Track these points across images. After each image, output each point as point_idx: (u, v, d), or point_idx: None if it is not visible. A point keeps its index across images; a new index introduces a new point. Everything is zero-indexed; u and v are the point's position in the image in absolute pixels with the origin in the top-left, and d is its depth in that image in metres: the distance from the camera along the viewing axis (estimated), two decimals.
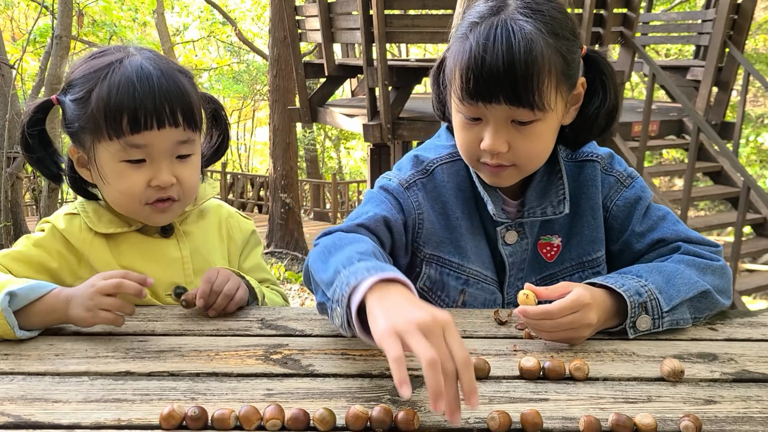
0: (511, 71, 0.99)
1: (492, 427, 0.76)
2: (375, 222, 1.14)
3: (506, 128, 1.06)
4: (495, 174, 1.12)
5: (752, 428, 0.77)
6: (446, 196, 1.20)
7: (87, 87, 1.10)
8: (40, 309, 1.02)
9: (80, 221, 1.21)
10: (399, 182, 1.20)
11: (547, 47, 1.01)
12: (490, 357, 0.95)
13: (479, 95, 1.03)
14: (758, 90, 12.25)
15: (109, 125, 1.08)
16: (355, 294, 0.85)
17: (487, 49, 0.99)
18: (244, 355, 0.96)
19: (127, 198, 1.15)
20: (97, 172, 1.15)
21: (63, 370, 0.92)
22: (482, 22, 1.02)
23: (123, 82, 1.08)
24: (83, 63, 1.14)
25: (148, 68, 1.10)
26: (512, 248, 1.20)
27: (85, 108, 1.10)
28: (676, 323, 1.04)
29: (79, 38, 9.88)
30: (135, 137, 1.09)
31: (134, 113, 1.07)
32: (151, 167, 1.13)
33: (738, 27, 5.95)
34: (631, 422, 0.76)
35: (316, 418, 0.76)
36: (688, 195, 5.18)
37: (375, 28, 5.29)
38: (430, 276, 1.21)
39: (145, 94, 1.08)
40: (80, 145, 1.15)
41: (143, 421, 0.78)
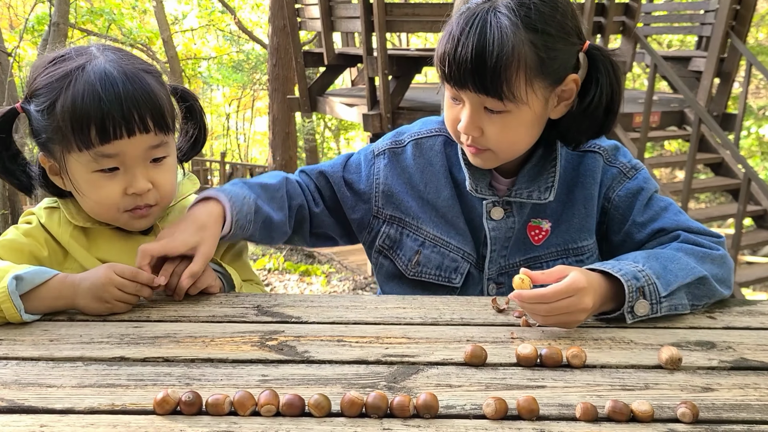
0: (480, 61, 1.04)
1: (488, 414, 0.76)
2: (312, 172, 1.35)
3: (479, 113, 1.11)
4: (474, 155, 1.17)
5: (749, 416, 0.77)
6: (413, 168, 1.28)
7: (51, 97, 1.05)
8: (45, 294, 1.02)
9: (59, 214, 1.20)
10: (372, 149, 1.33)
11: (521, 42, 1.04)
12: (487, 344, 0.94)
13: (451, 80, 1.09)
14: (760, 82, 12.22)
15: (77, 137, 1.04)
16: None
17: (460, 39, 1.05)
18: (239, 342, 0.96)
19: (103, 207, 1.13)
20: (70, 182, 1.11)
21: (57, 355, 0.91)
22: (468, 12, 1.07)
23: (87, 91, 1.03)
24: (44, 69, 1.08)
25: (112, 73, 1.05)
26: (497, 224, 1.22)
27: (51, 119, 1.06)
28: (674, 308, 1.04)
29: (77, 26, 9.84)
30: (105, 147, 1.05)
31: (102, 123, 1.03)
32: (125, 175, 1.10)
33: (740, 18, 5.91)
34: (628, 409, 0.76)
35: (311, 404, 0.76)
36: (689, 186, 5.17)
37: (375, 16, 5.26)
38: (389, 235, 1.30)
39: (111, 103, 1.03)
40: (50, 154, 1.12)
41: (137, 406, 0.78)
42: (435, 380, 0.85)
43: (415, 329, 1.01)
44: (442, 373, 0.87)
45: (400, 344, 0.95)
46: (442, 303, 1.12)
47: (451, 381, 0.85)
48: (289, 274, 8.14)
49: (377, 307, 1.10)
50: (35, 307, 1.02)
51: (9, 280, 0.97)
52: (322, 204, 1.32)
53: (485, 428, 0.74)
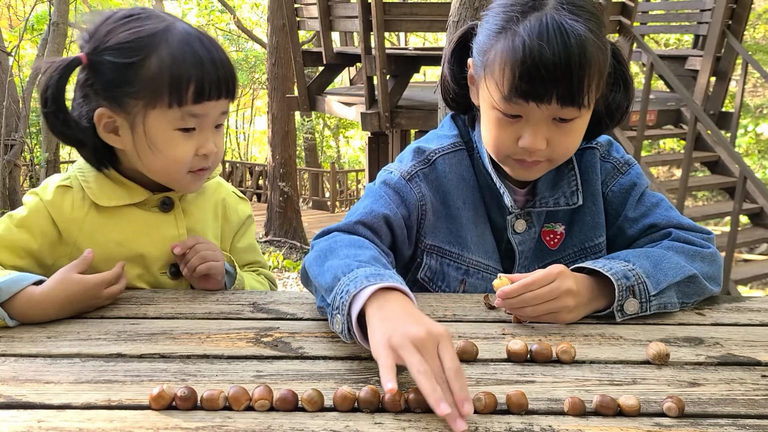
0: (567, 72, 0.98)
1: (478, 408, 0.77)
2: (374, 219, 1.13)
3: (547, 126, 1.05)
4: (527, 169, 1.11)
5: (735, 410, 0.78)
6: (447, 187, 1.20)
7: (142, 52, 1.06)
8: (21, 303, 1.01)
9: (73, 195, 1.17)
10: (401, 174, 1.19)
11: (595, 47, 1.00)
12: (478, 340, 0.96)
13: (532, 95, 1.01)
14: (758, 80, 12.23)
15: (173, 93, 1.06)
16: (355, 303, 0.87)
17: (543, 50, 0.97)
18: (235, 338, 0.97)
19: (175, 166, 1.13)
20: (144, 139, 1.11)
21: (55, 352, 0.92)
22: (527, 17, 1.00)
23: (187, 50, 1.07)
24: (119, 25, 1.08)
25: (200, 38, 1.10)
26: (521, 237, 1.21)
27: (139, 73, 1.06)
28: (663, 307, 1.05)
29: (77, 26, 9.84)
30: (196, 107, 1.09)
31: (200, 83, 1.07)
32: (198, 136, 1.13)
33: (737, 16, 5.93)
34: (615, 403, 0.77)
35: (304, 399, 0.77)
36: (685, 184, 5.19)
37: (373, 16, 5.27)
38: (431, 266, 1.22)
39: (210, 65, 1.08)
40: (120, 109, 1.10)
41: (133, 401, 0.79)
42: None
43: None
44: None
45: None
46: (435, 300, 1.14)
47: None
48: (289, 272, 8.16)
49: None
50: (14, 315, 1.01)
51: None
52: (391, 254, 1.17)
53: (475, 422, 0.75)
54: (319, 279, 0.99)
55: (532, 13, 1.00)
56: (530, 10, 1.01)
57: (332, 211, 12.28)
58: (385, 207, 1.15)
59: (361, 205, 1.17)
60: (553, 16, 0.99)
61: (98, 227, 1.17)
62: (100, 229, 1.18)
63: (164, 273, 1.22)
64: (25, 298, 1.01)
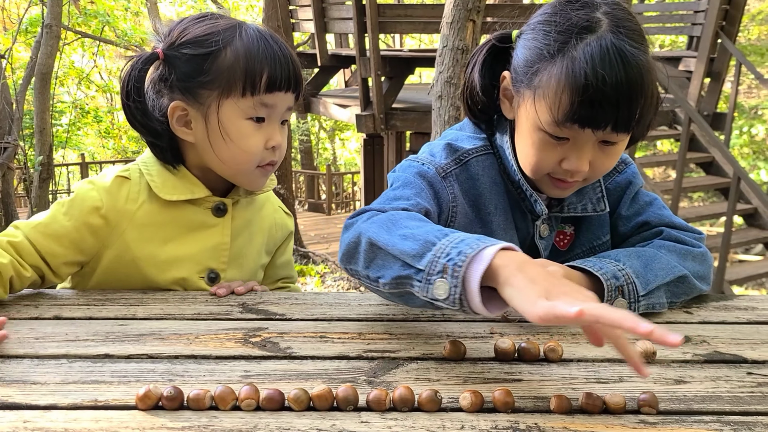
0: (628, 101, 0.97)
1: (464, 407, 0.77)
2: (418, 211, 1.05)
3: (593, 148, 1.04)
4: (563, 188, 1.10)
5: (719, 407, 0.78)
6: (480, 189, 1.16)
7: (218, 44, 1.11)
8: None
9: (130, 187, 1.18)
10: (436, 170, 1.13)
11: (652, 72, 0.99)
12: (467, 339, 0.96)
13: (589, 122, 0.99)
14: (752, 81, 12.28)
15: (248, 80, 1.11)
16: (475, 264, 0.78)
17: (606, 78, 0.95)
18: (223, 339, 0.97)
19: (246, 156, 1.15)
20: (217, 128, 1.13)
21: (42, 353, 0.92)
22: (584, 39, 0.97)
23: (261, 41, 1.13)
24: (194, 23, 1.15)
25: (272, 35, 1.16)
26: (545, 241, 1.21)
27: (215, 63, 1.11)
28: (652, 307, 1.06)
29: (71, 28, 9.83)
30: (267, 96, 1.13)
31: (273, 72, 1.12)
32: (267, 128, 1.16)
33: (730, 18, 5.96)
34: (601, 401, 0.77)
35: (291, 398, 0.77)
36: (680, 185, 5.20)
37: (368, 18, 5.28)
38: None
39: (282, 57, 1.13)
40: (194, 100, 1.14)
41: (120, 402, 0.79)
42: (414, 374, 0.86)
43: (397, 325, 1.02)
44: (421, 367, 0.88)
45: (382, 340, 0.97)
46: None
47: (429, 375, 0.86)
48: None
49: (360, 304, 1.12)
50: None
51: None
52: None
53: (461, 420, 0.75)
54: (398, 245, 0.87)
55: (588, 35, 0.97)
56: (585, 32, 0.98)
57: (328, 213, 12.27)
58: (426, 201, 1.09)
59: (401, 192, 1.08)
60: (613, 42, 0.96)
61: (148, 222, 1.18)
62: (150, 223, 1.19)
63: (202, 277, 1.23)
64: None
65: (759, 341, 0.97)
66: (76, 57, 13.75)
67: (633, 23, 1.00)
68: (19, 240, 1.13)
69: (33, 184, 4.61)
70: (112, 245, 1.18)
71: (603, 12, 1.00)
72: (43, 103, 4.71)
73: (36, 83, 4.78)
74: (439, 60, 3.33)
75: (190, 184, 1.20)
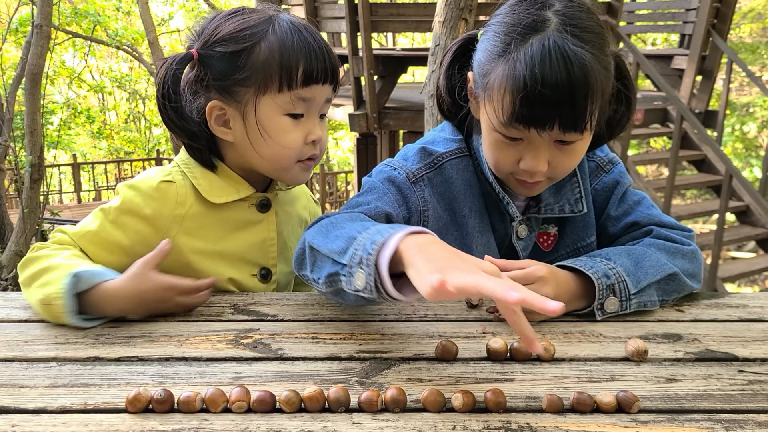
0: (570, 101, 0.96)
1: (456, 407, 0.77)
2: (377, 214, 1.09)
3: (548, 148, 1.04)
4: (528, 188, 1.10)
5: (711, 405, 0.79)
6: (455, 193, 1.17)
7: (252, 39, 1.09)
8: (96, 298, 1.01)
9: (176, 190, 1.16)
10: (406, 175, 1.15)
11: (599, 71, 0.97)
12: (459, 339, 0.96)
13: (532, 122, 0.99)
14: (743, 79, 12.33)
15: (284, 75, 1.08)
16: (384, 250, 0.81)
17: (545, 78, 0.95)
18: (214, 340, 0.97)
19: (286, 152, 1.13)
20: (256, 126, 1.12)
21: (31, 356, 0.92)
22: (529, 41, 0.97)
23: (295, 35, 1.10)
24: (226, 20, 1.12)
25: (305, 25, 1.13)
26: (524, 242, 1.20)
27: (250, 59, 1.09)
28: (643, 305, 1.06)
29: (61, 28, 9.78)
30: (305, 90, 1.10)
31: (309, 65, 1.09)
32: (306, 123, 1.14)
33: (722, 16, 5.98)
34: (592, 400, 0.77)
35: (281, 400, 0.77)
36: (672, 183, 5.22)
37: (360, 17, 5.26)
38: None
39: (317, 50, 1.10)
40: (231, 99, 1.12)
41: (110, 405, 0.78)
42: (406, 375, 0.86)
43: (389, 326, 1.02)
44: (413, 368, 0.88)
45: (374, 340, 0.97)
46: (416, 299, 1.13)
47: (422, 375, 0.86)
48: None
49: (352, 304, 1.11)
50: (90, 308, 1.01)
51: (69, 278, 0.98)
52: None
53: (453, 421, 0.75)
54: (328, 245, 0.93)
55: (534, 35, 0.97)
56: (532, 32, 0.98)
57: (322, 213, 12.24)
58: (388, 205, 1.12)
59: (362, 199, 1.13)
60: (556, 41, 0.96)
61: (197, 224, 1.17)
62: (199, 226, 1.17)
63: (254, 275, 1.22)
64: (100, 291, 1.01)
65: (750, 339, 0.97)
66: (67, 57, 13.68)
67: (586, 21, 0.99)
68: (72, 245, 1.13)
69: (24, 185, 4.58)
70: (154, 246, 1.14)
71: (555, 10, 1.00)
72: (33, 104, 4.68)
73: (26, 83, 4.75)
74: (431, 59, 3.32)
75: (235, 183, 1.20)
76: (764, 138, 11.49)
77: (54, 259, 1.06)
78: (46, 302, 0.99)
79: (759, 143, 11.63)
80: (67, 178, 12.35)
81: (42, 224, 5.25)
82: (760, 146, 11.46)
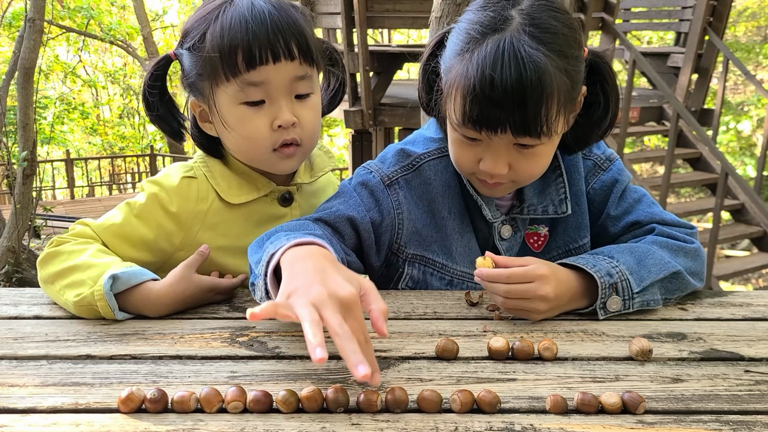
0: (521, 104, 0.93)
1: (455, 408, 0.75)
2: (336, 219, 1.09)
3: (507, 151, 1.01)
4: (491, 188, 1.09)
5: (718, 405, 0.77)
6: (433, 194, 1.15)
7: (201, 31, 1.07)
8: (136, 298, 1.01)
9: (198, 186, 1.15)
10: (381, 178, 1.14)
11: (556, 74, 0.94)
12: (459, 338, 0.94)
13: (483, 124, 0.97)
14: (738, 77, 12.36)
15: (225, 64, 1.04)
16: (271, 262, 0.86)
17: (494, 80, 0.92)
18: (209, 338, 0.94)
19: (252, 143, 1.10)
20: (219, 120, 1.10)
21: (21, 354, 0.89)
22: (486, 41, 0.95)
23: (235, 18, 1.04)
24: (195, 12, 1.11)
25: (259, 3, 1.06)
26: (508, 242, 1.18)
27: (200, 52, 1.06)
28: (646, 304, 1.04)
29: (55, 22, 9.70)
30: (251, 74, 1.05)
31: (248, 47, 1.03)
32: (270, 108, 1.08)
33: (718, 14, 5.98)
34: (597, 401, 0.75)
35: (278, 400, 0.75)
36: (668, 181, 5.22)
37: (356, 12, 5.23)
38: (413, 276, 1.17)
39: (258, 28, 1.04)
40: (200, 95, 1.11)
41: (101, 404, 0.76)
42: (406, 374, 0.84)
43: (388, 324, 0.98)
44: (413, 367, 0.86)
45: (372, 339, 0.94)
46: (415, 297, 1.12)
47: (422, 375, 0.84)
48: None
49: None
50: (127, 307, 1.01)
51: (105, 280, 0.97)
52: (353, 253, 1.12)
53: (455, 422, 0.73)
54: (253, 257, 0.96)
55: (492, 35, 0.95)
56: (491, 32, 0.95)
57: None
58: (352, 209, 1.11)
59: (327, 204, 1.13)
60: (512, 42, 0.93)
61: (221, 220, 1.16)
62: (221, 222, 1.16)
63: None
64: (143, 293, 1.01)
65: (755, 338, 0.96)
66: (61, 51, 13.59)
67: (549, 21, 0.96)
68: (93, 238, 1.11)
69: (16, 181, 4.54)
70: (186, 247, 1.14)
71: (519, 9, 0.97)
72: (26, 99, 4.63)
73: (19, 78, 4.69)
74: None
75: (254, 180, 1.18)
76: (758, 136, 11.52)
77: (81, 256, 1.04)
78: (82, 303, 0.99)
79: (753, 141, 11.66)
80: (60, 173, 12.27)
81: (35, 220, 5.20)
82: (755, 145, 11.50)
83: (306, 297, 0.75)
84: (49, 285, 1.05)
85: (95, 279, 0.98)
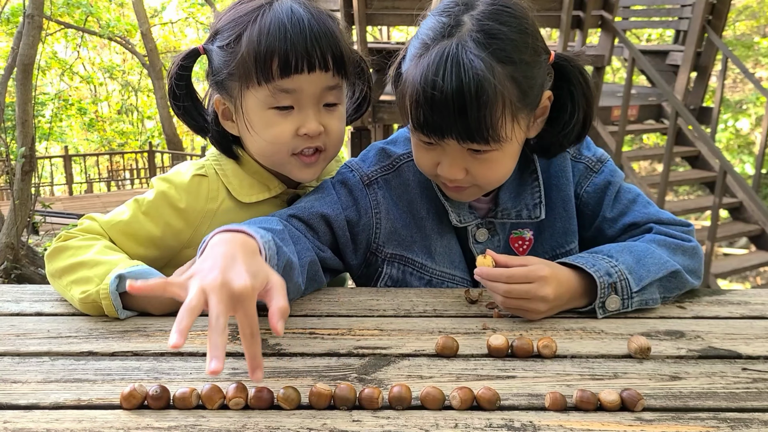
0: (462, 112, 0.93)
1: (454, 405, 0.76)
2: (309, 215, 1.10)
3: (462, 156, 1.02)
4: (456, 192, 1.09)
5: (716, 403, 0.78)
6: (412, 195, 1.16)
7: (236, 31, 1.06)
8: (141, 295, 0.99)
9: (209, 185, 1.16)
10: (360, 177, 1.16)
11: (501, 81, 0.93)
12: (459, 335, 0.94)
13: (430, 131, 0.98)
14: (737, 75, 12.36)
15: (259, 69, 1.04)
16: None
17: (436, 86, 0.92)
18: None
19: (274, 147, 1.10)
20: (243, 121, 1.10)
21: (23, 350, 0.90)
22: (433, 47, 0.95)
23: (274, 24, 1.04)
24: (230, 10, 1.10)
25: (298, 11, 1.05)
26: (483, 246, 1.17)
27: (233, 53, 1.06)
28: (645, 303, 1.05)
29: (53, 18, 9.68)
30: (285, 81, 1.05)
31: (285, 56, 1.03)
32: (298, 115, 1.09)
33: (717, 12, 5.98)
34: (595, 398, 0.76)
35: (280, 397, 0.75)
36: (666, 179, 5.23)
37: (355, 10, 5.23)
38: (392, 276, 1.18)
39: (297, 36, 1.03)
40: (227, 94, 1.11)
41: (104, 401, 0.77)
42: (406, 372, 0.85)
43: (388, 321, 1.01)
44: (413, 364, 0.87)
45: (373, 336, 0.95)
46: (415, 295, 1.12)
47: (422, 372, 0.85)
48: None
49: (350, 299, 1.10)
50: (132, 305, 1.01)
51: (112, 280, 0.97)
52: (328, 250, 1.14)
53: (455, 419, 0.74)
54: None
55: (440, 41, 0.95)
56: (440, 38, 0.95)
57: None
58: (327, 206, 1.12)
59: (304, 199, 1.15)
60: (455, 49, 0.93)
61: (230, 219, 1.15)
62: (231, 221, 1.14)
63: None
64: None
65: (753, 336, 0.96)
66: (59, 47, 13.56)
67: (498, 27, 0.95)
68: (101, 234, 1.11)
69: (15, 177, 4.53)
70: (194, 245, 1.14)
71: (472, 14, 0.96)
72: (24, 95, 4.62)
73: (17, 74, 4.68)
74: None
75: (266, 181, 1.18)
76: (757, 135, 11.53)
77: (88, 253, 1.04)
78: (87, 300, 0.99)
79: (752, 140, 11.67)
80: (59, 170, 12.26)
81: (33, 216, 5.20)
82: (753, 143, 11.51)
83: (201, 281, 0.75)
84: (56, 279, 1.05)
85: (102, 277, 0.99)
